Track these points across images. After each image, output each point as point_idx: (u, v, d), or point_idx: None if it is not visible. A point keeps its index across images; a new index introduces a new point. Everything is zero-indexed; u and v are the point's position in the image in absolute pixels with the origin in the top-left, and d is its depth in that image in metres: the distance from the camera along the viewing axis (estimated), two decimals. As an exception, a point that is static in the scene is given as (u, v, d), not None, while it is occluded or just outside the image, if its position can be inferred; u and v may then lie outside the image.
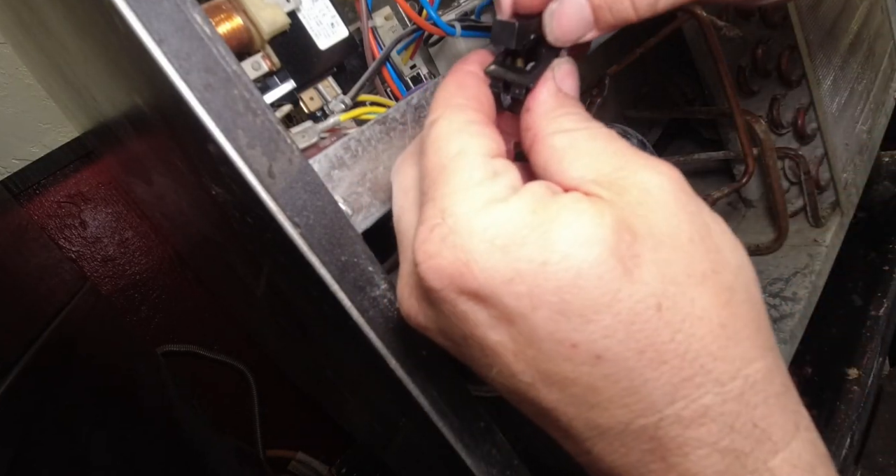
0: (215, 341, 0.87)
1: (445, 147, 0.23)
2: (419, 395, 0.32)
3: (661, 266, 0.20)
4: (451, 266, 0.20)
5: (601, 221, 0.20)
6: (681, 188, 0.22)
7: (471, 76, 0.27)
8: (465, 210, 0.21)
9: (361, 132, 0.29)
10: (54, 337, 0.55)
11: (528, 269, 0.20)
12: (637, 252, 0.20)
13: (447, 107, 0.25)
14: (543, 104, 0.25)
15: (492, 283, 0.20)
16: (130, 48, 0.24)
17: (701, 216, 0.21)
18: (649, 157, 0.22)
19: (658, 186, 0.21)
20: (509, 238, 0.20)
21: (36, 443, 0.46)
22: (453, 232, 0.21)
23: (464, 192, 0.21)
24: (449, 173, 0.22)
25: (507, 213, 0.20)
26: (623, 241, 0.20)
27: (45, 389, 0.50)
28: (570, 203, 0.21)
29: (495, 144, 0.23)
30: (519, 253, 0.20)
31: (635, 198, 0.21)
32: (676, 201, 0.21)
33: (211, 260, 0.67)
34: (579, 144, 0.23)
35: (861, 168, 0.77)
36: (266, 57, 0.35)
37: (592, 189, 0.21)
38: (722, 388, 0.20)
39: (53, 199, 0.77)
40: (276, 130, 0.26)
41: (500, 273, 0.20)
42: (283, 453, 0.89)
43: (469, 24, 0.41)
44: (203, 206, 0.42)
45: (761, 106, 0.69)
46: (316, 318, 0.38)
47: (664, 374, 0.19)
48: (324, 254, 0.27)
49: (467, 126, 0.24)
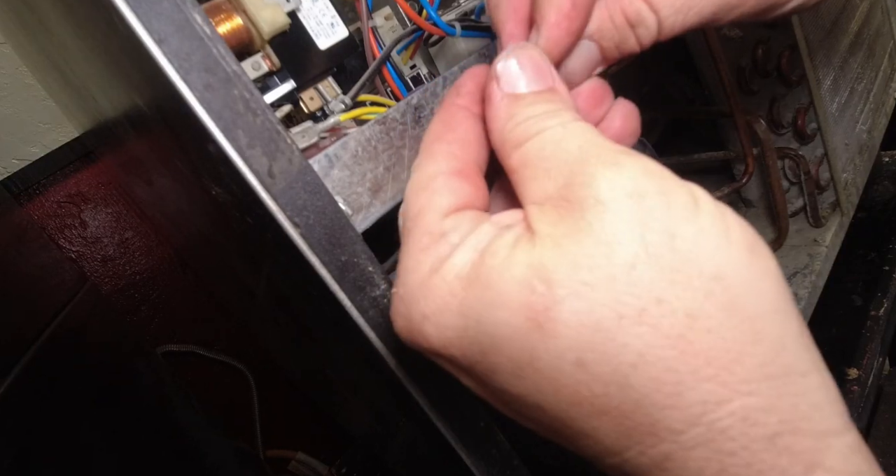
0: (215, 341, 0.87)
1: (411, 206, 0.23)
2: (419, 395, 0.32)
3: (579, 314, 0.18)
4: (401, 332, 0.22)
5: (512, 276, 0.19)
6: (638, 186, 0.19)
7: (460, 112, 0.25)
8: (410, 280, 0.22)
9: (361, 132, 0.29)
10: (54, 337, 0.55)
11: (454, 336, 0.20)
12: (548, 304, 0.18)
13: (424, 154, 0.25)
14: (494, 119, 0.23)
15: (433, 349, 0.21)
16: (130, 48, 0.24)
17: (664, 217, 0.18)
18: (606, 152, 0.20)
19: (609, 194, 0.18)
20: (435, 307, 0.21)
21: (36, 443, 0.46)
22: (402, 302, 0.22)
23: (412, 259, 0.22)
24: (407, 236, 0.23)
25: (436, 281, 0.21)
26: (535, 293, 0.18)
27: (46, 389, 0.50)
28: (490, 258, 0.20)
29: (454, 197, 0.23)
30: (444, 321, 0.20)
31: (568, 228, 0.19)
32: (625, 211, 0.18)
33: (211, 260, 0.67)
34: (530, 160, 0.21)
35: (861, 168, 0.77)
36: (266, 57, 0.35)
37: (532, 218, 0.20)
38: (678, 436, 0.18)
39: (53, 199, 0.77)
40: (276, 130, 0.26)
41: (434, 340, 0.21)
42: (283, 453, 0.89)
43: (469, 24, 0.41)
44: (203, 206, 0.42)
45: (761, 106, 0.69)
46: (316, 318, 0.38)
47: (606, 423, 0.18)
48: (324, 254, 0.27)
49: (432, 181, 0.23)
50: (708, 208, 0.19)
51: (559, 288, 0.18)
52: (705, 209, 0.18)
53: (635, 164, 0.19)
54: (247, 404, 0.87)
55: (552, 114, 0.22)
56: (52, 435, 0.48)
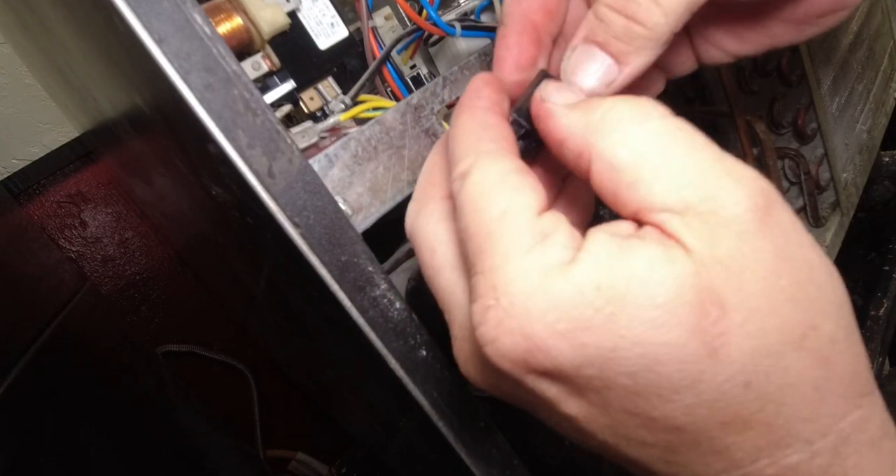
0: (215, 341, 0.87)
1: (486, 208, 0.20)
2: (419, 395, 0.32)
3: (753, 340, 0.18)
4: (513, 351, 0.19)
5: (681, 296, 0.18)
6: (779, 215, 0.19)
7: (491, 113, 0.24)
8: (518, 288, 0.19)
9: (361, 132, 0.29)
10: (54, 337, 0.55)
11: (597, 355, 0.18)
12: (724, 329, 0.18)
13: (478, 155, 0.22)
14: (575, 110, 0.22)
15: (558, 368, 0.19)
16: (130, 48, 0.24)
17: (802, 251, 0.19)
18: (734, 166, 0.19)
19: (753, 221, 0.18)
20: (572, 322, 0.18)
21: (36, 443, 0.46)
22: (509, 316, 0.19)
23: (515, 264, 0.19)
24: (495, 241, 0.20)
25: (568, 291, 0.18)
26: (708, 317, 0.18)
27: (45, 389, 0.50)
28: (642, 269, 0.18)
29: (538, 195, 0.21)
30: (584, 339, 0.18)
31: (728, 249, 0.18)
32: (775, 242, 0.18)
33: (211, 260, 0.67)
34: (650, 155, 0.19)
35: (861, 168, 0.77)
36: (266, 57, 0.35)
37: (677, 230, 0.19)
38: (811, 446, 0.19)
39: (53, 199, 0.77)
40: (276, 130, 0.26)
41: (567, 359, 0.18)
42: (283, 453, 0.89)
43: (469, 24, 0.41)
44: (203, 206, 0.42)
45: (761, 106, 0.69)
46: (316, 318, 0.38)
47: (748, 438, 0.19)
48: (324, 254, 0.27)
49: (506, 178, 0.21)
50: (813, 240, 0.20)
51: (735, 313, 0.18)
52: (813, 241, 0.20)
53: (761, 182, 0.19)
54: (247, 404, 0.87)
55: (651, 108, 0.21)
56: (52, 435, 0.48)
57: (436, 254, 0.24)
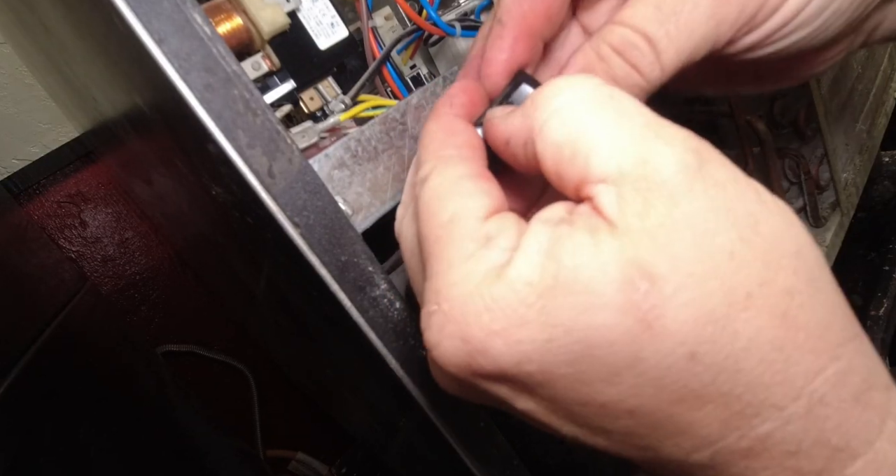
0: (215, 341, 0.87)
1: (437, 212, 0.21)
2: (419, 395, 0.32)
3: (690, 308, 0.17)
4: (455, 356, 0.19)
5: (605, 275, 0.17)
6: (713, 171, 0.18)
7: (459, 120, 0.24)
8: (457, 293, 0.19)
9: (361, 132, 0.29)
10: (54, 337, 0.55)
11: (533, 350, 0.18)
12: (656, 302, 0.17)
13: (437, 159, 0.23)
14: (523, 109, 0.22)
15: (501, 369, 0.19)
16: (130, 48, 0.24)
17: (743, 204, 0.18)
18: (663, 129, 0.19)
19: (683, 182, 0.18)
20: (507, 320, 0.18)
21: (36, 443, 0.46)
22: (449, 320, 0.19)
23: (456, 270, 0.20)
24: (441, 246, 0.21)
25: (502, 291, 0.19)
26: (637, 291, 0.17)
27: (45, 389, 0.50)
28: (568, 257, 0.18)
29: (489, 199, 0.21)
30: (519, 335, 0.18)
31: (659, 215, 0.18)
32: (709, 200, 0.18)
33: (211, 260, 0.67)
34: (584, 127, 0.19)
35: (861, 168, 0.77)
36: (266, 57, 0.35)
37: (606, 205, 0.18)
38: (782, 412, 0.18)
39: (53, 199, 0.77)
40: (276, 130, 0.26)
41: (505, 358, 0.19)
42: (283, 453, 0.89)
43: (469, 24, 0.41)
44: (203, 206, 0.42)
45: (761, 106, 0.69)
46: (316, 318, 0.38)
47: (709, 413, 0.18)
48: (324, 254, 0.27)
49: (458, 184, 0.22)
50: (763, 189, 0.19)
51: (665, 284, 0.17)
52: (762, 190, 0.19)
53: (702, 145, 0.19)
54: (247, 404, 0.87)
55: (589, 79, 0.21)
56: (52, 435, 0.48)
57: (414, 256, 0.24)
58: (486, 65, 0.26)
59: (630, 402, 0.18)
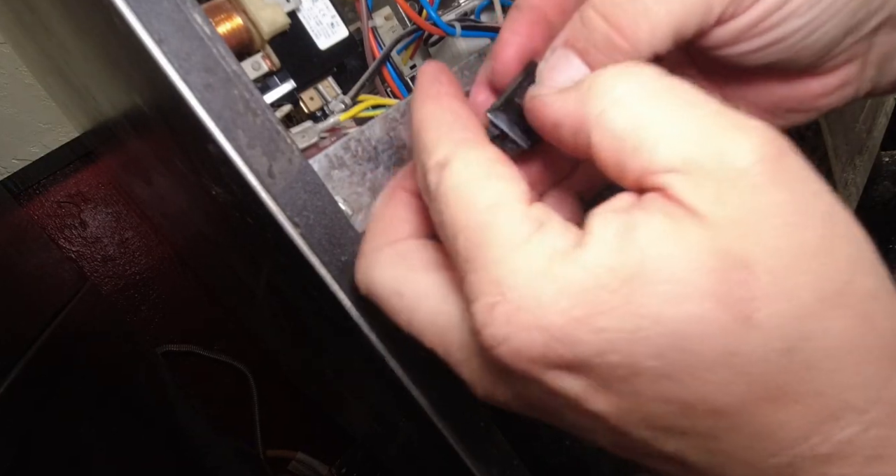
0: (215, 341, 0.87)
1: (475, 199, 0.19)
2: (419, 396, 0.32)
3: (787, 301, 0.16)
4: (529, 347, 0.18)
5: (698, 264, 0.16)
6: (792, 164, 0.17)
7: (458, 101, 0.23)
8: (525, 279, 0.18)
9: (361, 132, 0.29)
10: (54, 337, 0.55)
11: (619, 339, 0.17)
12: (754, 293, 0.16)
13: (455, 143, 0.21)
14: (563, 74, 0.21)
15: (580, 357, 0.17)
16: (130, 48, 0.24)
17: (822, 201, 0.17)
18: (738, 117, 0.18)
19: (765, 173, 0.17)
20: (588, 307, 0.17)
21: (36, 443, 0.46)
22: (520, 309, 0.18)
23: (516, 254, 0.18)
24: (490, 232, 0.19)
25: (578, 276, 0.17)
26: (733, 283, 0.16)
27: (46, 389, 0.50)
28: (652, 243, 0.17)
29: (525, 186, 0.20)
30: (603, 323, 0.17)
31: (742, 205, 0.17)
32: (793, 193, 0.17)
33: (211, 260, 0.67)
34: (648, 116, 0.18)
35: (861, 168, 0.77)
36: (266, 57, 0.35)
37: (682, 192, 0.17)
38: (863, 416, 0.17)
39: (53, 199, 0.77)
40: (276, 130, 0.26)
41: (587, 346, 0.17)
42: (283, 453, 0.89)
43: (469, 24, 0.41)
44: (203, 206, 0.42)
45: (761, 106, 0.69)
46: (316, 318, 0.38)
47: (797, 414, 0.17)
48: (324, 254, 0.27)
49: (492, 167, 0.20)
50: (823, 182, 0.18)
51: (762, 273, 0.16)
52: (823, 184, 0.18)
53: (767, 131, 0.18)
54: (247, 404, 0.87)
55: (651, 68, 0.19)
56: (52, 435, 0.48)
57: (404, 295, 0.23)
58: (500, 47, 0.25)
59: (719, 401, 0.17)
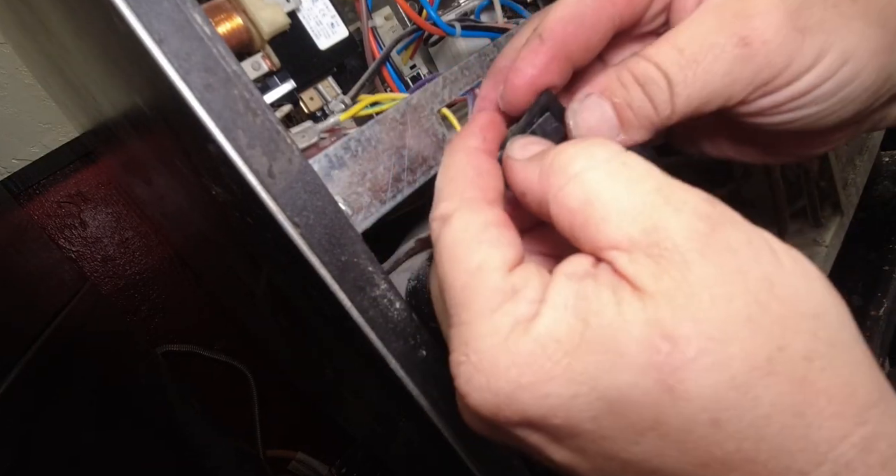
0: (215, 341, 0.87)
1: (463, 260, 0.22)
2: (419, 396, 0.32)
3: (713, 373, 0.17)
4: (483, 406, 0.20)
5: (627, 335, 0.18)
6: (725, 235, 0.19)
7: (487, 159, 0.24)
8: (485, 346, 0.20)
9: (361, 132, 0.29)
10: (54, 337, 0.55)
11: (559, 404, 0.19)
12: (678, 364, 0.17)
13: (462, 201, 0.23)
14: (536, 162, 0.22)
15: (528, 419, 0.19)
16: (130, 48, 0.24)
17: (759, 267, 0.18)
18: (674, 194, 0.19)
19: (695, 249, 0.18)
20: (534, 376, 0.19)
21: (36, 443, 0.46)
22: (478, 371, 0.20)
23: (483, 322, 0.20)
24: (468, 294, 0.21)
25: (529, 346, 0.19)
26: (659, 353, 0.18)
27: (45, 389, 0.50)
28: (593, 316, 0.19)
29: (513, 250, 0.22)
30: (546, 389, 0.19)
31: (673, 280, 0.18)
32: (722, 265, 0.18)
33: (211, 260, 0.67)
34: (596, 195, 0.20)
35: (861, 168, 0.77)
36: (266, 57, 0.35)
37: (624, 268, 0.19)
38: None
39: (53, 199, 0.77)
40: (276, 130, 0.26)
41: (532, 410, 0.19)
42: (283, 453, 0.89)
43: (469, 24, 0.41)
44: (203, 206, 0.42)
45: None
46: (316, 318, 0.38)
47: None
48: (324, 254, 0.27)
49: (485, 232, 0.22)
50: (782, 249, 0.19)
51: (686, 346, 0.17)
52: (780, 251, 0.19)
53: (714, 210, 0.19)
54: (247, 404, 0.87)
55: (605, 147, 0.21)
56: (52, 435, 0.48)
57: (438, 302, 0.25)
58: (515, 75, 0.26)
59: (653, 462, 0.18)
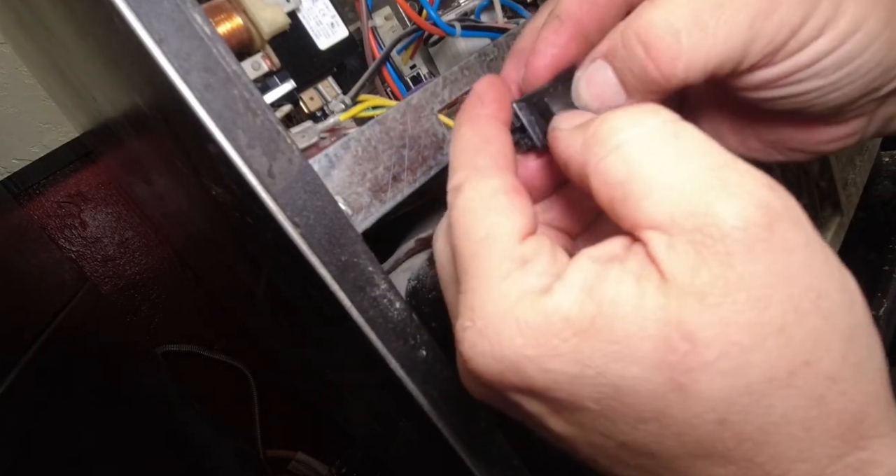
0: (215, 341, 0.87)
1: (472, 228, 0.21)
2: (419, 395, 0.32)
3: (729, 378, 0.17)
4: (486, 372, 0.20)
5: (643, 330, 0.17)
6: (783, 233, 0.17)
7: (493, 124, 0.24)
8: (492, 311, 0.19)
9: (361, 132, 0.29)
10: (54, 337, 0.55)
11: (563, 380, 0.18)
12: (693, 366, 0.17)
13: (471, 169, 0.22)
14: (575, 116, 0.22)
15: (531, 388, 0.19)
16: (130, 48, 0.24)
17: (808, 275, 0.17)
18: (734, 176, 0.18)
19: (744, 241, 0.17)
20: (539, 349, 0.18)
21: (36, 443, 0.46)
22: (483, 337, 0.19)
23: (491, 288, 0.20)
24: (477, 262, 0.20)
25: (537, 320, 0.19)
26: (675, 353, 0.17)
27: (45, 389, 0.50)
28: (609, 302, 0.18)
29: (524, 218, 0.21)
30: (550, 364, 0.18)
31: (710, 275, 0.17)
32: (771, 266, 0.17)
33: (211, 260, 0.67)
34: (640, 167, 0.18)
35: (861, 168, 0.77)
36: (266, 57, 0.35)
37: (659, 253, 0.18)
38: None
39: (53, 199, 0.77)
40: (276, 130, 0.26)
41: (535, 381, 0.19)
42: (283, 453, 0.89)
43: (469, 24, 0.41)
44: (203, 206, 0.42)
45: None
46: (316, 319, 0.38)
47: (730, 472, 0.18)
48: (324, 254, 0.27)
49: (494, 199, 0.21)
50: (835, 260, 0.18)
51: (706, 349, 0.17)
52: (833, 261, 0.18)
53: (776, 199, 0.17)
54: (247, 404, 0.87)
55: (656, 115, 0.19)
56: (52, 435, 0.48)
57: (445, 270, 0.24)
58: (536, 57, 0.25)
59: (651, 447, 0.18)
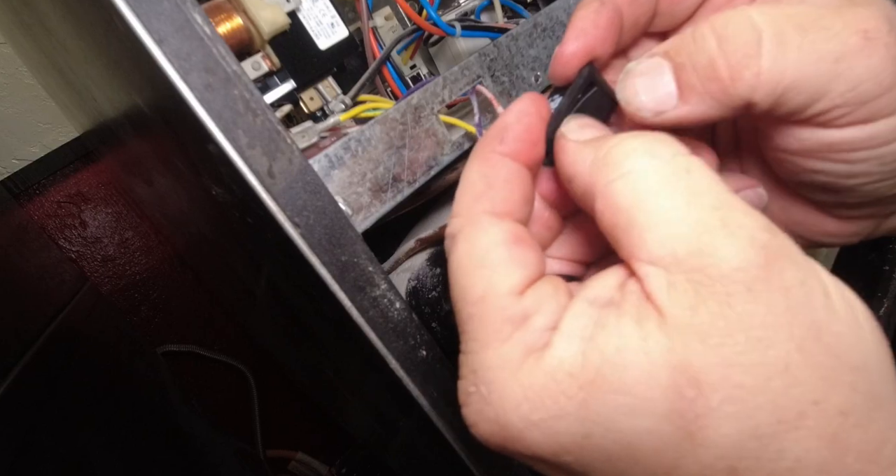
0: (215, 341, 0.87)
1: (468, 288, 0.20)
2: (419, 396, 0.32)
3: (736, 422, 0.16)
4: (491, 438, 0.19)
5: (652, 379, 0.17)
6: (781, 272, 0.17)
7: (503, 165, 0.22)
8: (494, 378, 0.19)
9: (361, 132, 0.29)
10: (54, 337, 0.55)
11: (572, 443, 0.18)
12: (701, 412, 0.16)
13: (468, 218, 0.21)
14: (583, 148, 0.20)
15: (539, 456, 0.19)
16: (130, 48, 0.24)
17: (809, 311, 0.17)
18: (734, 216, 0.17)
19: (744, 281, 0.16)
20: (546, 411, 0.18)
21: (36, 443, 0.46)
22: (488, 404, 0.19)
23: (492, 353, 0.19)
24: (476, 325, 0.20)
25: (541, 380, 0.18)
26: (683, 399, 0.16)
27: (46, 389, 0.50)
28: (613, 351, 0.17)
29: (524, 270, 0.20)
30: (558, 427, 0.18)
31: (710, 315, 0.17)
32: (771, 306, 0.16)
33: (211, 260, 0.67)
34: (648, 198, 0.18)
35: (861, 168, 0.77)
36: (266, 57, 0.35)
37: (657, 291, 0.17)
38: None
39: (53, 199, 0.77)
40: (276, 130, 0.26)
41: (542, 448, 0.18)
42: (283, 453, 0.89)
43: (469, 24, 0.41)
44: (203, 206, 0.42)
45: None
46: (316, 318, 0.38)
47: None
48: (324, 254, 0.27)
49: (491, 254, 0.20)
50: (836, 291, 0.18)
51: (712, 393, 0.16)
52: (834, 293, 0.18)
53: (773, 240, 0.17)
54: (247, 404, 0.88)
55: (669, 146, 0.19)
56: (52, 435, 0.48)
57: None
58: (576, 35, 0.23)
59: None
